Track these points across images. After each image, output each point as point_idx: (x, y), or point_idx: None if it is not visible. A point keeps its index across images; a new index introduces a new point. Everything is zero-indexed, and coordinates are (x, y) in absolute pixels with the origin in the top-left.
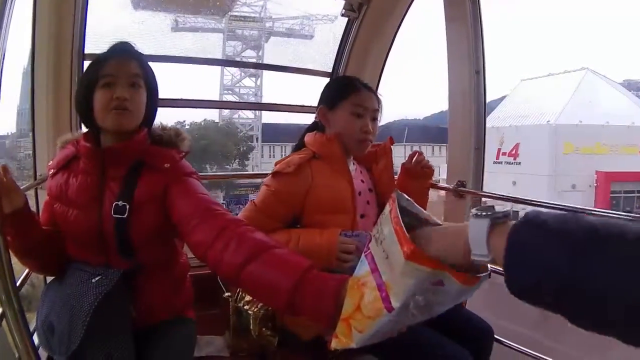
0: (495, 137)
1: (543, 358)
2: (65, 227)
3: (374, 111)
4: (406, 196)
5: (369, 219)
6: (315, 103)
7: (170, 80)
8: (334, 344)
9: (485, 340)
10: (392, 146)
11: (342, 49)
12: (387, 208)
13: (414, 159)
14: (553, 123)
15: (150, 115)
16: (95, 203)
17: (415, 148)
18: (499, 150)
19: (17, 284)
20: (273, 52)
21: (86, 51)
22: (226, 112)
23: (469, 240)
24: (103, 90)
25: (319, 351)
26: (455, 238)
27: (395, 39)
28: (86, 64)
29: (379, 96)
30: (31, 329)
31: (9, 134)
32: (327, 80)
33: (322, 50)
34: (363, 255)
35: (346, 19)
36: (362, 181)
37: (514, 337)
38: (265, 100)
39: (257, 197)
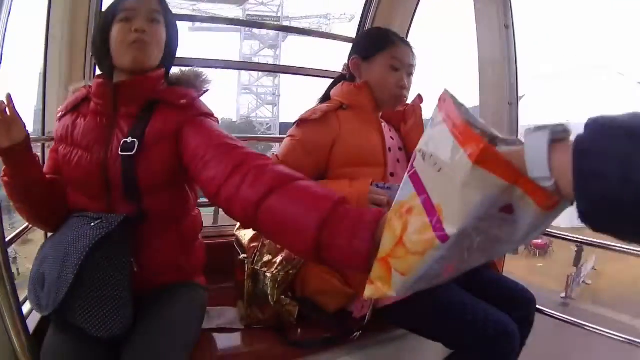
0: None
1: (589, 326)
2: (67, 170)
3: (410, 66)
4: (460, 101)
5: (398, 178)
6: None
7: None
8: (368, 292)
9: (527, 309)
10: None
11: (363, 25)
12: (435, 112)
13: None
14: (568, 122)
15: (169, 55)
16: (102, 143)
17: None
18: None
19: (7, 239)
20: (291, 51)
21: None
22: (244, 110)
23: (525, 161)
24: (121, 24)
25: (344, 325)
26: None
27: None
28: None
29: (415, 53)
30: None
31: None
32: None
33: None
34: (406, 175)
35: None
36: (392, 138)
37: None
38: (282, 106)
39: (280, 149)
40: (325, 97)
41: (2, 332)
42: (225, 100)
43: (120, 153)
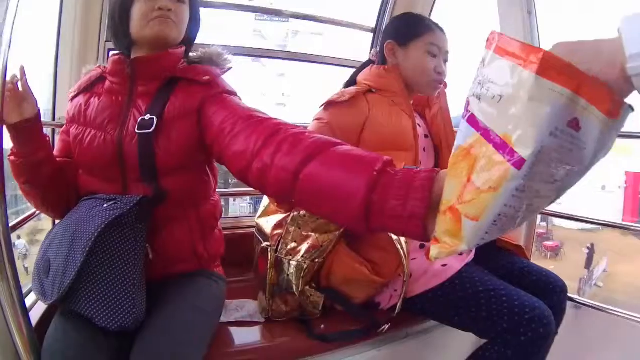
0: None
1: (624, 314)
2: (79, 151)
3: (447, 53)
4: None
5: (423, 167)
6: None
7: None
8: (435, 252)
9: (559, 297)
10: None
11: (385, 4)
12: (485, 52)
13: None
14: None
15: (191, 35)
16: (117, 121)
17: None
18: None
19: (10, 224)
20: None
21: None
22: None
23: (623, 42)
24: (145, 1)
25: (371, 317)
26: (598, 46)
27: None
28: None
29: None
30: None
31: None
32: (369, 35)
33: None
34: (463, 121)
35: None
36: (419, 125)
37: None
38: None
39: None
40: (350, 83)
41: (3, 325)
42: None
43: (137, 131)
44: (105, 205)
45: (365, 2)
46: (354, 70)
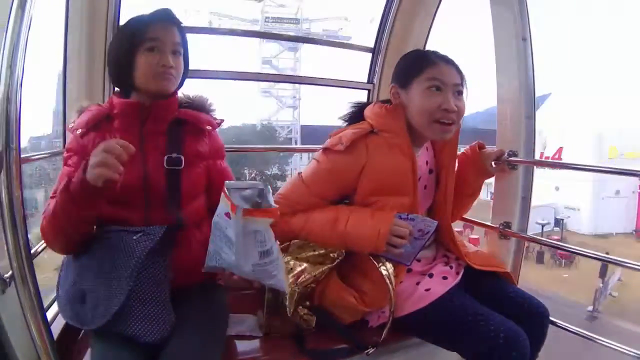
0: (537, 140)
1: (603, 341)
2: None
3: (456, 85)
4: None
5: (423, 205)
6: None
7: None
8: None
9: (540, 321)
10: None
11: (384, 24)
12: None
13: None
14: (597, 127)
15: (182, 81)
16: (137, 158)
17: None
18: (542, 154)
19: (32, 251)
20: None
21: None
22: (265, 114)
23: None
24: (148, 54)
25: (361, 335)
26: None
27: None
28: None
29: (461, 69)
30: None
31: (45, 134)
32: (368, 55)
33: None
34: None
35: None
36: (427, 162)
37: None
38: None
39: (305, 171)
40: (351, 117)
41: (28, 341)
42: (245, 103)
43: (166, 167)
44: (135, 237)
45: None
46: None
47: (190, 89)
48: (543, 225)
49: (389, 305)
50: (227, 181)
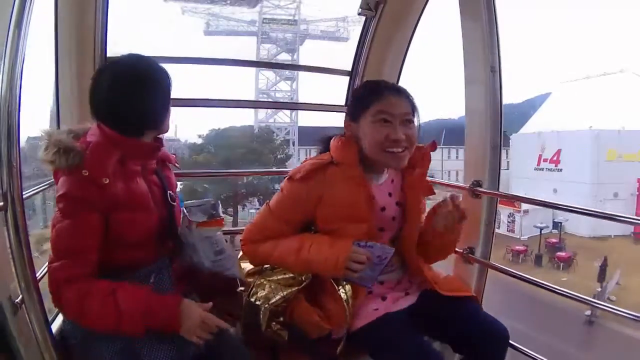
0: (536, 142)
1: None
2: (130, 232)
3: (404, 114)
4: None
5: (388, 233)
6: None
7: (204, 85)
8: None
9: (500, 345)
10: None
11: (361, 48)
12: None
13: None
14: (595, 129)
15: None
16: (149, 198)
17: (453, 151)
18: (540, 156)
19: (38, 275)
20: (309, 54)
21: (108, 54)
22: (262, 115)
23: None
24: None
25: (327, 348)
26: None
27: (414, 37)
28: None
29: (412, 98)
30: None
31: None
32: (347, 79)
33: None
34: None
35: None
36: (390, 194)
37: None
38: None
39: (272, 199)
40: (321, 150)
41: (39, 357)
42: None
43: (173, 203)
44: (151, 281)
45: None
46: None
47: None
48: (542, 229)
49: (346, 323)
50: (186, 201)
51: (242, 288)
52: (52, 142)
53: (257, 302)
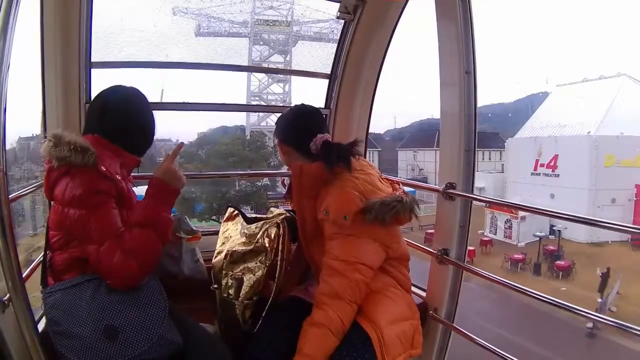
0: (533, 147)
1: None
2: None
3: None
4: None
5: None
6: None
7: (195, 87)
8: None
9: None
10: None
11: (340, 51)
12: None
13: None
14: (593, 134)
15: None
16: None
17: None
18: (537, 161)
19: (24, 275)
20: (302, 55)
21: (93, 59)
22: (254, 119)
23: None
24: None
25: None
26: None
27: (392, 40)
28: (94, 72)
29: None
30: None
31: (34, 135)
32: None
33: None
34: None
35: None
36: None
37: None
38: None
39: None
40: None
41: (24, 350)
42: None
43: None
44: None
45: None
46: None
47: None
48: (540, 238)
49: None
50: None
51: (215, 286)
52: (65, 141)
53: (230, 297)
